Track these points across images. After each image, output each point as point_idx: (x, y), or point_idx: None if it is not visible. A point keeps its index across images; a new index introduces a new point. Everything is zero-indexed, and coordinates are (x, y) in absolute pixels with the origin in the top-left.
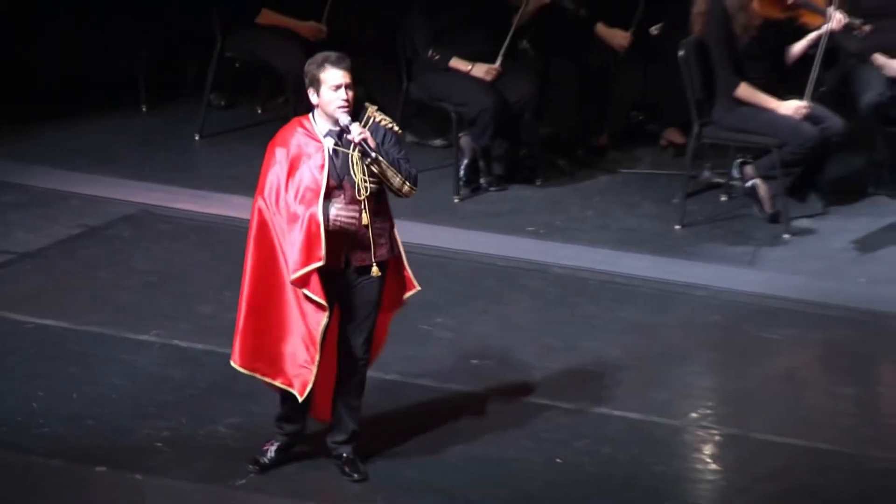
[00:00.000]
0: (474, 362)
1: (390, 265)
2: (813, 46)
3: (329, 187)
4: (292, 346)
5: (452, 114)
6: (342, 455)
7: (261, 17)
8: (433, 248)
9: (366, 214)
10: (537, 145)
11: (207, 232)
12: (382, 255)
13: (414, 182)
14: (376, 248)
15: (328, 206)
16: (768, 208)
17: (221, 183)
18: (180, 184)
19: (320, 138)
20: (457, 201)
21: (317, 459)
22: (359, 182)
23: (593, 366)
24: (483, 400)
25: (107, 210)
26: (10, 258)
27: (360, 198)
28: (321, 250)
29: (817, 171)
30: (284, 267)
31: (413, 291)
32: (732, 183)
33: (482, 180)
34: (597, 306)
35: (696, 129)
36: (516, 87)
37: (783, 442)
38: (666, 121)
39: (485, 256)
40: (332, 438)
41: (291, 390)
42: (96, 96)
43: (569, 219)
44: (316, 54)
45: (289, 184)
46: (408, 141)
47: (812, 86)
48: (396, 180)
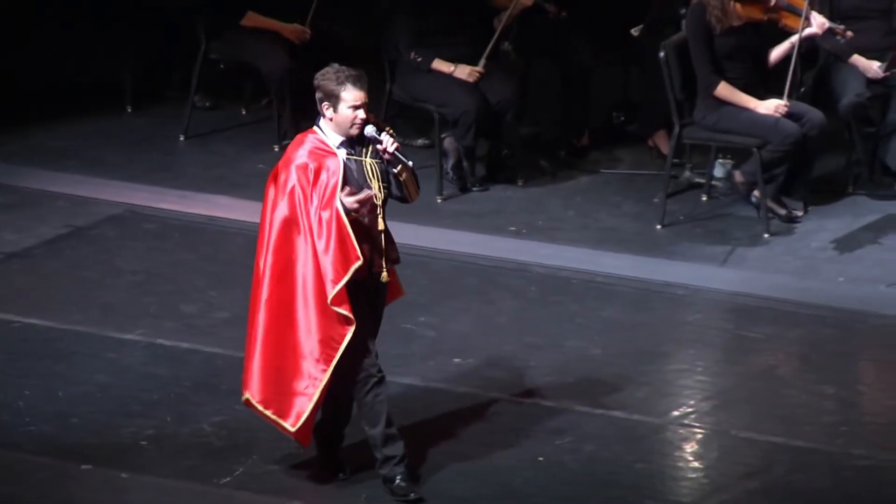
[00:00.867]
0: (457, 361)
1: (392, 272)
2: (793, 48)
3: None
4: (299, 376)
5: (435, 115)
6: (394, 477)
7: (245, 19)
8: (416, 247)
9: (381, 220)
10: (519, 146)
11: (192, 232)
12: (394, 261)
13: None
14: (388, 254)
15: (342, 201)
16: (784, 212)
17: (206, 183)
18: (165, 184)
19: (334, 150)
20: (439, 201)
21: (300, 457)
22: (377, 189)
23: (575, 364)
24: (465, 398)
25: (93, 210)
26: None
27: (377, 202)
28: (357, 251)
29: (804, 169)
30: (308, 281)
31: (398, 297)
32: (713, 183)
33: (465, 181)
34: (578, 305)
35: (677, 129)
36: (498, 89)
37: (763, 439)
38: (655, 124)
39: (467, 256)
40: (384, 454)
41: (285, 423)
42: (83, 99)
43: (550, 218)
44: (332, 67)
45: (314, 196)
46: None
47: (791, 86)
48: (413, 187)
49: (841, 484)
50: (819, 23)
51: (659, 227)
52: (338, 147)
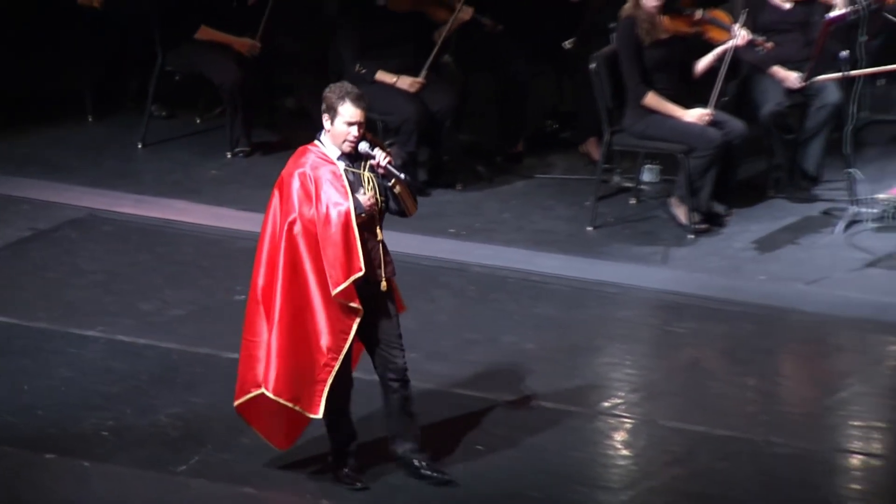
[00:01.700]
0: None
1: (390, 282)
2: (718, 60)
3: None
4: (316, 368)
5: (378, 123)
6: (416, 463)
7: (199, 32)
8: None
9: (380, 230)
10: (458, 152)
11: (149, 234)
12: (390, 272)
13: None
14: (385, 265)
15: (357, 201)
16: (687, 223)
17: (163, 188)
18: (124, 189)
19: (334, 160)
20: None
21: (252, 447)
22: (371, 192)
23: (511, 358)
24: None
25: (55, 214)
26: None
27: (374, 213)
28: (360, 261)
29: (729, 174)
30: (314, 282)
31: (401, 312)
32: (641, 187)
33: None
34: (514, 303)
35: (607, 136)
36: (439, 98)
37: (688, 429)
38: (586, 132)
39: (409, 256)
40: (404, 448)
41: (307, 412)
42: (45, 108)
43: (488, 221)
44: (339, 83)
45: (318, 204)
46: None
47: (715, 96)
48: (410, 200)
49: (761, 470)
50: (742, 35)
51: (590, 228)
52: (337, 159)
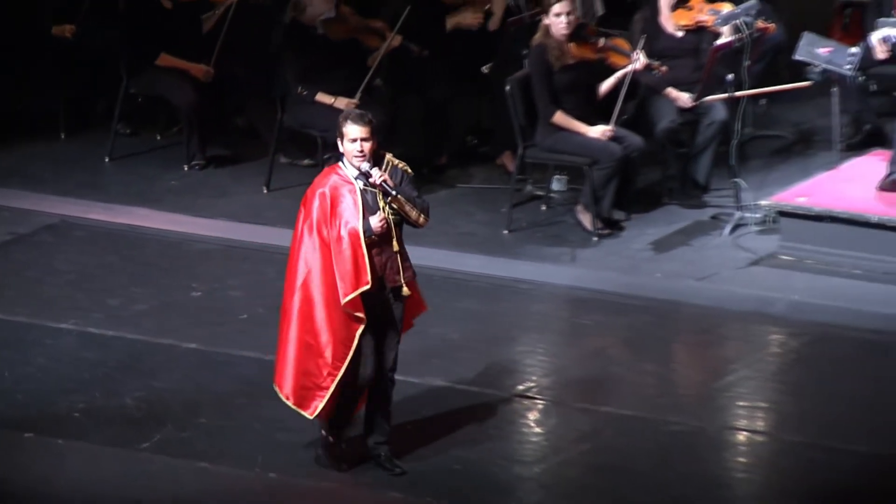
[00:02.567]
0: None
1: (413, 285)
2: (619, 82)
3: (364, 218)
4: (320, 374)
5: (318, 139)
6: (380, 454)
7: (159, 60)
8: None
9: (395, 241)
10: None
11: (116, 238)
12: (409, 277)
13: (427, 214)
14: (404, 271)
15: (367, 223)
16: (591, 228)
17: (128, 198)
18: (94, 198)
19: (352, 180)
20: None
21: (208, 427)
22: (386, 215)
23: (437, 347)
24: None
25: (33, 220)
26: None
27: (385, 230)
28: (367, 274)
29: (629, 184)
30: (325, 292)
31: (423, 312)
32: (550, 195)
33: None
34: (440, 298)
35: (521, 150)
36: (372, 116)
37: (594, 409)
38: (502, 146)
39: None
40: (374, 440)
41: (304, 412)
42: (24, 126)
43: None
44: (346, 110)
45: (332, 219)
46: (281, 162)
47: (616, 114)
48: (413, 213)
49: (658, 446)
50: (640, 61)
51: (506, 232)
52: (355, 179)
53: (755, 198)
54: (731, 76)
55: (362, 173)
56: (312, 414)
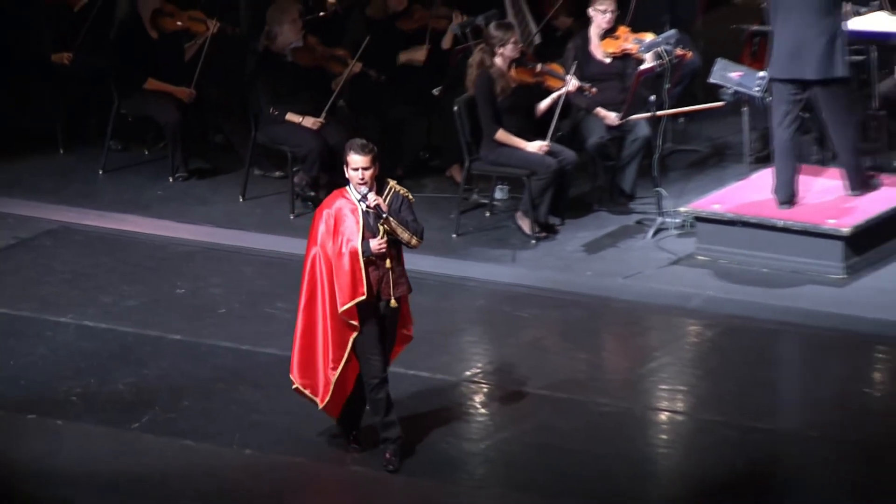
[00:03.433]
0: None
1: (405, 300)
2: (554, 103)
3: (364, 238)
4: (322, 370)
5: (288, 154)
6: (387, 448)
7: (147, 84)
8: (274, 252)
9: (388, 260)
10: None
11: (109, 242)
12: (402, 291)
13: (420, 236)
14: (396, 286)
15: (366, 244)
16: (530, 232)
17: (119, 206)
18: (89, 206)
19: (356, 203)
20: (292, 218)
21: (191, 409)
22: (382, 234)
23: None
24: None
25: (34, 226)
26: None
27: (383, 251)
28: (363, 287)
29: (563, 193)
30: (327, 301)
31: (408, 338)
32: (494, 203)
33: (310, 203)
34: None
35: (467, 163)
36: (335, 134)
37: (533, 392)
38: (451, 160)
39: None
40: (382, 435)
41: (316, 399)
42: (25, 142)
43: None
44: (350, 139)
45: (336, 237)
46: (255, 174)
47: (552, 131)
48: (405, 235)
49: (590, 424)
50: (573, 83)
51: (455, 236)
52: (358, 202)
53: (675, 205)
54: (653, 97)
55: (363, 197)
56: (322, 403)
